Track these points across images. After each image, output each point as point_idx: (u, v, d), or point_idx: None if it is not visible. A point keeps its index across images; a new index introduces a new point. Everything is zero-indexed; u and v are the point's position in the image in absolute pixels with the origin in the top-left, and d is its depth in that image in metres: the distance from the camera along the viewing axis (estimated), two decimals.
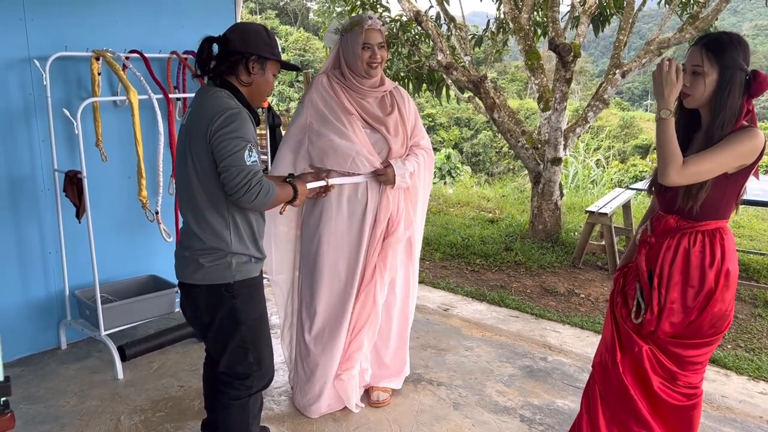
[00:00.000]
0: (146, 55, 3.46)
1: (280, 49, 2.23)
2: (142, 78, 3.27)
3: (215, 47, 2.09)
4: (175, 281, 3.54)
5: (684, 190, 1.95)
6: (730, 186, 1.95)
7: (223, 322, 2.13)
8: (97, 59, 3.32)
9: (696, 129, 2.02)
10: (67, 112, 3.13)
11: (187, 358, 3.43)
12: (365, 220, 2.65)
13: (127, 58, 3.39)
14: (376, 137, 2.62)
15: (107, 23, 3.47)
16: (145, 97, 3.25)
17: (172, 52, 3.66)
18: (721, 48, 1.89)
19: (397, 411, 2.91)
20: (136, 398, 3.02)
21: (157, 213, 3.36)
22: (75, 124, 3.07)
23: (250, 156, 1.98)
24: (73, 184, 3.19)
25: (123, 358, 3.25)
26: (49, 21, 3.24)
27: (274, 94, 21.25)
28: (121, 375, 3.21)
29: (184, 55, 3.69)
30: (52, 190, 3.35)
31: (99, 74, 3.36)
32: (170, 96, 3.49)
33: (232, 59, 2.06)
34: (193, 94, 3.70)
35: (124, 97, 3.35)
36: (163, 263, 3.78)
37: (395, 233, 2.70)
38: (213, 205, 2.05)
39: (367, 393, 3.00)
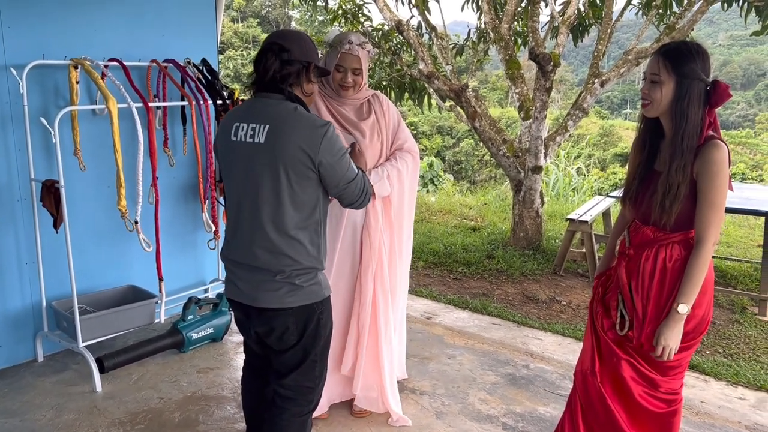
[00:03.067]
0: (126, 63, 3.44)
1: None
2: (121, 86, 3.24)
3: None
4: (155, 291, 3.56)
5: (658, 205, 1.97)
6: None
7: (308, 339, 2.08)
8: (76, 67, 3.28)
9: (661, 138, 2.05)
10: (44, 121, 3.09)
11: (167, 370, 3.39)
12: (355, 232, 2.69)
13: (106, 66, 3.36)
14: (350, 140, 2.64)
15: (86, 31, 3.44)
16: (125, 105, 3.22)
17: (152, 61, 3.63)
18: (678, 58, 1.91)
19: (379, 420, 2.90)
20: (115, 411, 2.97)
21: (136, 222, 3.33)
22: (52, 132, 3.03)
23: (352, 163, 2.06)
24: (50, 194, 3.14)
25: (101, 370, 3.20)
26: (26, 28, 3.21)
27: None
28: (99, 387, 3.16)
29: (165, 64, 3.67)
30: (29, 200, 3.30)
31: (77, 82, 3.32)
32: (150, 105, 3.47)
33: (293, 69, 1.97)
34: (175, 103, 3.70)
35: (103, 106, 3.32)
36: (143, 273, 3.74)
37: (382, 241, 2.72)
38: (305, 222, 1.99)
39: (350, 403, 2.98)
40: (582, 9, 6.45)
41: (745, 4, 5.52)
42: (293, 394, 2.12)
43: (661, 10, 6.06)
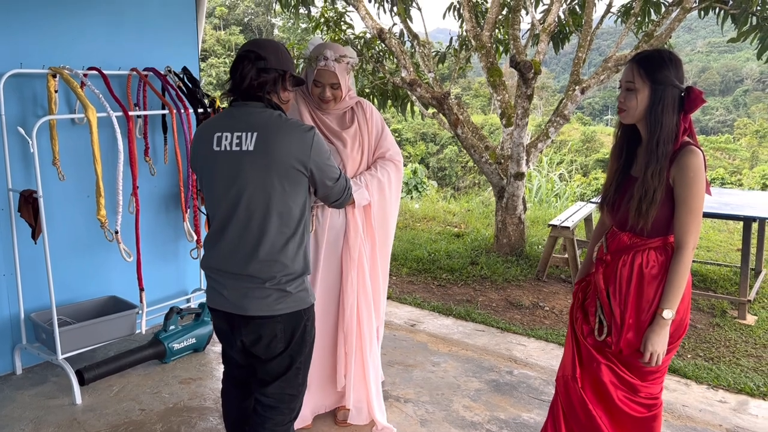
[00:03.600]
0: (105, 72, 3.41)
1: None
2: (100, 95, 3.22)
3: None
4: (136, 302, 3.52)
5: (635, 210, 1.99)
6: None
7: (295, 346, 2.08)
8: (54, 76, 3.26)
9: (638, 144, 2.08)
10: (21, 131, 3.06)
11: (149, 381, 3.35)
12: (336, 242, 2.69)
13: (85, 75, 3.34)
14: (331, 149, 2.64)
15: (65, 40, 3.41)
16: (104, 114, 3.20)
17: (132, 69, 3.61)
18: (652, 65, 1.94)
19: (364, 429, 2.89)
20: (95, 423, 2.93)
21: (116, 232, 3.29)
22: (30, 142, 3.00)
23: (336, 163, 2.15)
24: (28, 204, 3.10)
25: (81, 383, 3.16)
26: (3, 37, 3.17)
27: None
28: (79, 400, 3.12)
29: (145, 72, 3.65)
30: (7, 211, 3.26)
31: (56, 92, 3.29)
32: (130, 113, 3.44)
33: (270, 77, 2.00)
34: (155, 112, 3.68)
35: (82, 115, 3.29)
36: (124, 284, 3.70)
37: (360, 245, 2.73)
38: (295, 227, 2.01)
39: (334, 413, 2.97)
40: (562, 17, 6.52)
41: (721, 12, 5.62)
42: (276, 402, 2.10)
43: (639, 18, 6.15)
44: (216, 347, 3.74)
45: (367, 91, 6.78)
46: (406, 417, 3.02)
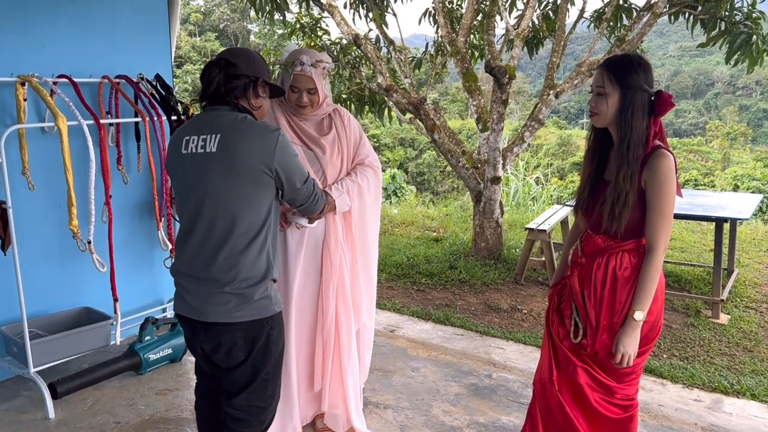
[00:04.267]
0: (76, 79, 3.36)
1: None
2: (71, 104, 3.17)
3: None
4: (110, 313, 3.46)
5: (608, 213, 2.01)
6: None
7: (257, 356, 2.04)
8: (23, 84, 3.20)
9: (610, 148, 2.10)
10: None
11: (124, 393, 3.29)
12: (316, 248, 2.68)
13: (55, 83, 3.29)
14: (311, 156, 2.63)
15: (34, 47, 3.36)
16: (75, 123, 3.15)
17: (104, 77, 3.56)
18: (621, 70, 1.97)
19: None
20: None
21: (89, 242, 3.24)
22: None
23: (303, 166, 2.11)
24: None
25: (54, 396, 3.09)
26: None
27: None
28: (52, 414, 3.06)
29: (117, 80, 3.60)
30: None
31: (25, 100, 3.23)
32: (102, 122, 3.39)
33: (240, 83, 2.00)
34: (128, 120, 3.63)
35: (52, 124, 3.24)
36: (97, 295, 3.64)
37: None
38: (258, 230, 1.98)
39: (314, 422, 2.94)
40: (536, 22, 6.58)
41: (691, 17, 5.72)
42: (244, 414, 2.08)
43: (611, 23, 6.23)
44: (193, 357, 3.69)
45: (344, 97, 6.77)
46: (385, 423, 3.01)
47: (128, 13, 3.81)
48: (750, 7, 5.40)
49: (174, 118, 3.71)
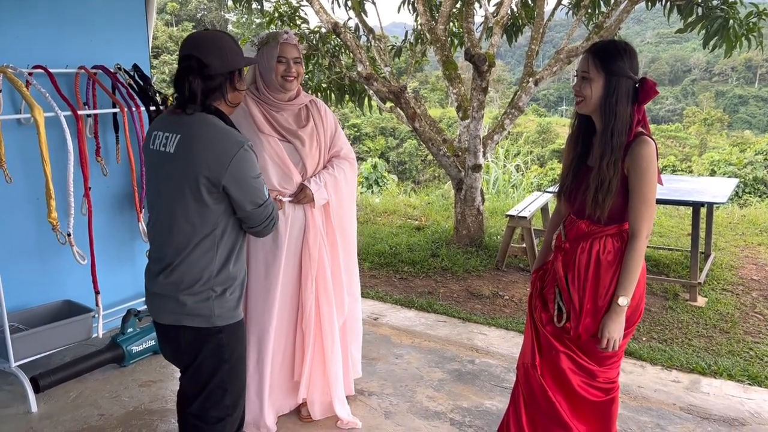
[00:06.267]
0: (52, 70, 3.31)
1: None
2: (47, 95, 3.12)
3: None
4: (92, 305, 3.44)
5: (592, 199, 2.03)
6: None
7: (206, 361, 1.97)
8: None
9: (594, 134, 2.12)
10: None
11: (107, 385, 3.28)
12: (297, 241, 2.68)
13: (30, 74, 3.23)
14: (290, 148, 2.62)
15: (7, 38, 3.29)
16: (52, 114, 3.10)
17: (80, 67, 3.51)
18: (607, 55, 1.98)
19: (329, 424, 2.89)
20: (53, 431, 2.86)
21: (69, 235, 3.21)
22: None
23: (264, 188, 1.99)
24: None
25: (36, 390, 3.07)
26: None
27: None
28: (34, 408, 3.04)
29: (94, 70, 3.55)
30: None
31: (0, 91, 3.18)
32: (79, 113, 3.35)
33: (215, 83, 1.89)
34: (106, 110, 3.59)
35: (28, 115, 3.18)
36: (78, 287, 3.60)
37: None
38: (207, 238, 1.91)
39: (298, 410, 2.96)
40: (515, 9, 6.60)
41: (668, 4, 5.77)
42: (200, 422, 2.02)
43: (590, 10, 6.27)
44: None
45: (324, 86, 6.74)
46: (370, 410, 3.04)
47: (104, 2, 3.75)
48: None
49: (152, 108, 3.67)
